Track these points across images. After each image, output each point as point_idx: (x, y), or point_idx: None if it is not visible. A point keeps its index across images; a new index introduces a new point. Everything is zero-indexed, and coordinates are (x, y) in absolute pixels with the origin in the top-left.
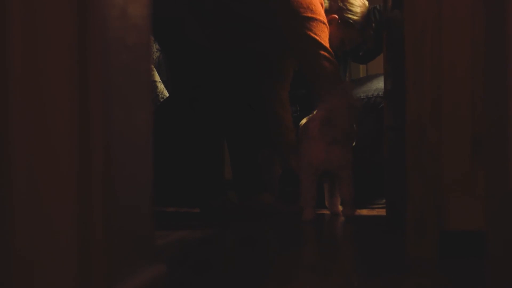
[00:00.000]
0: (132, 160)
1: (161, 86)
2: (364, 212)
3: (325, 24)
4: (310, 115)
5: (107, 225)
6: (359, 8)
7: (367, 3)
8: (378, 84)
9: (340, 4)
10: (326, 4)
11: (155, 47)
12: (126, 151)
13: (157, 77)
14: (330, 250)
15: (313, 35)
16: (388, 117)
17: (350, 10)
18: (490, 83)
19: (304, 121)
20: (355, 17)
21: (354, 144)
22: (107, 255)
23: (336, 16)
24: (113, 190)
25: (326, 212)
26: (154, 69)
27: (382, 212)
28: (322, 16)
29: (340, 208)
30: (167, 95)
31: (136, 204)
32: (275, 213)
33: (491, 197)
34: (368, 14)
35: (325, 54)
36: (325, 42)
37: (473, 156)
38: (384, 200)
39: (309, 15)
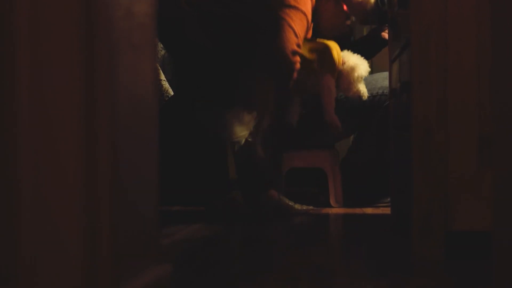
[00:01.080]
0: (138, 159)
1: (166, 85)
2: (369, 211)
3: (306, 16)
4: None
5: (113, 225)
6: None
7: None
8: (383, 83)
9: None
10: None
11: (160, 45)
12: (132, 150)
13: (162, 76)
14: (335, 250)
15: (288, 18)
16: (393, 115)
17: None
18: (497, 81)
19: None
20: None
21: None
22: (113, 255)
23: None
24: (120, 190)
25: (331, 211)
26: (159, 68)
27: (386, 211)
28: (305, 8)
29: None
30: (172, 93)
31: (142, 204)
32: (281, 211)
33: (498, 197)
34: None
35: (293, 37)
36: (298, 30)
37: (480, 155)
38: (388, 199)
39: (292, 3)
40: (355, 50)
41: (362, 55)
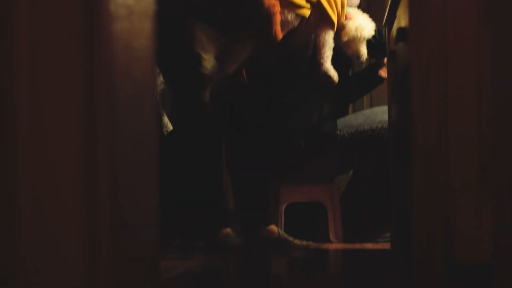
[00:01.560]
0: (138, 191)
1: (165, 119)
2: (369, 246)
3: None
4: None
5: (114, 260)
6: None
7: None
8: (382, 116)
9: None
10: None
11: (159, 79)
12: (132, 183)
13: (161, 110)
14: (335, 281)
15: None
16: (393, 147)
17: None
18: (497, 113)
19: None
20: None
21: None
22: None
23: None
24: (120, 223)
25: (331, 246)
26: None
27: (386, 246)
28: None
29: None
30: (171, 128)
31: (142, 238)
32: (281, 246)
33: (498, 229)
34: None
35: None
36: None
37: (481, 186)
38: (388, 234)
39: None
40: (352, 84)
41: (358, 90)
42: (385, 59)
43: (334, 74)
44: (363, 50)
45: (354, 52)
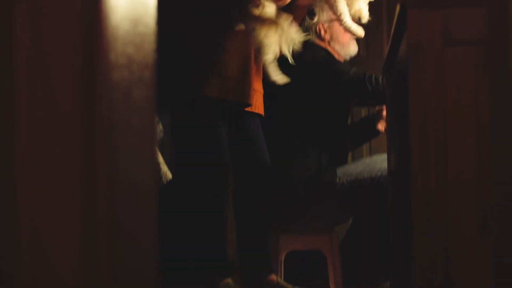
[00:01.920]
0: (138, 239)
1: (164, 168)
2: None
3: None
4: None
5: None
6: None
7: None
8: (382, 165)
9: None
10: None
11: (159, 128)
12: (131, 234)
13: (161, 159)
14: None
15: None
16: (392, 196)
17: None
18: (498, 164)
19: None
20: None
21: None
22: None
23: None
24: (120, 270)
25: None
26: (158, 151)
27: None
28: None
29: None
30: (171, 177)
31: (143, 285)
32: None
33: (499, 275)
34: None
35: None
36: None
37: (481, 231)
38: (388, 282)
39: None
40: (350, 134)
41: (355, 141)
42: (384, 111)
43: (357, 28)
44: (366, 11)
45: (356, 12)
